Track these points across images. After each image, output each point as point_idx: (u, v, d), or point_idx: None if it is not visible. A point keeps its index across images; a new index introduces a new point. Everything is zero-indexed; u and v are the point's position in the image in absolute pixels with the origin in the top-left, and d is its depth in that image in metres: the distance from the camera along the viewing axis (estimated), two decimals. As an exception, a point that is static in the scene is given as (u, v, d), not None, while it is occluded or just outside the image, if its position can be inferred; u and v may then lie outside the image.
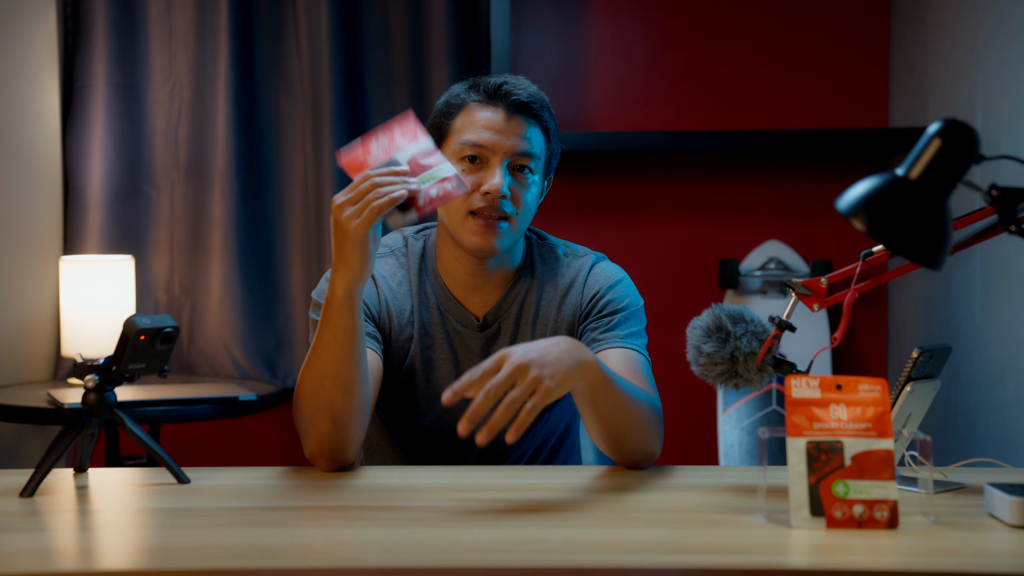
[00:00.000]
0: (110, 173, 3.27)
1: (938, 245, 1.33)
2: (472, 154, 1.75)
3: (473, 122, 1.76)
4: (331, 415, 1.59)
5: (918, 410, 1.55)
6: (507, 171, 1.75)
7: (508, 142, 1.75)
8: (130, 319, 1.48)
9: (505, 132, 1.75)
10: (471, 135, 1.75)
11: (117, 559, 1.25)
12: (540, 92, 1.81)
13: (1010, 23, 2.66)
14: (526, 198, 1.77)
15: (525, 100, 1.76)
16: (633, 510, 1.43)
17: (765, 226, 3.42)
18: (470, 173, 1.75)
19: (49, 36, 3.23)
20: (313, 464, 1.65)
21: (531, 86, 1.81)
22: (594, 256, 1.88)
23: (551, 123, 1.82)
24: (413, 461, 1.87)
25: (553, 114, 1.83)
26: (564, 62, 3.42)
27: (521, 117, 1.76)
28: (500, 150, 1.74)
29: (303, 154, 3.32)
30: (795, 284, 1.52)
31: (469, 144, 1.75)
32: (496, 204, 1.73)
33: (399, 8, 3.33)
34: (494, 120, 1.76)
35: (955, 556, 1.23)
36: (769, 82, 3.41)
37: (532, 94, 1.78)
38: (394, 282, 1.84)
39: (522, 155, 1.76)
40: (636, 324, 1.81)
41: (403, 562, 1.21)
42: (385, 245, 1.89)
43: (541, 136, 1.79)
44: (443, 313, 1.83)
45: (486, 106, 1.77)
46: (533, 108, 1.77)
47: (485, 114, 1.76)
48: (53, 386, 2.96)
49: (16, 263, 3.09)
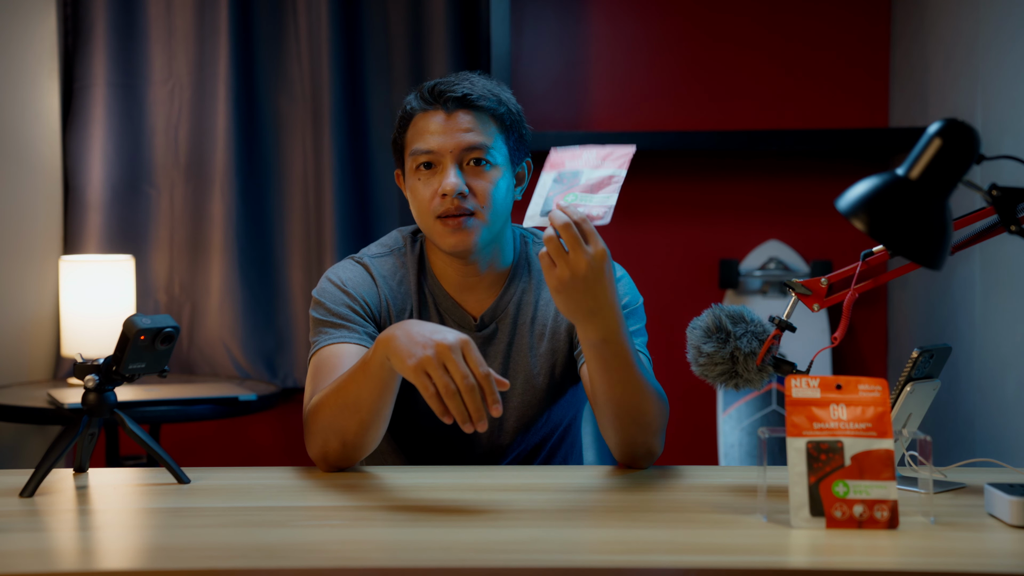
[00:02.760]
0: (110, 173, 3.27)
1: (938, 245, 1.33)
2: (425, 161, 1.75)
3: (419, 131, 1.77)
4: (342, 440, 1.61)
5: (918, 410, 1.55)
6: (461, 169, 1.74)
7: (452, 140, 1.74)
8: (130, 319, 1.48)
9: (447, 131, 1.75)
10: (419, 144, 1.76)
11: (117, 559, 1.25)
12: (487, 82, 1.80)
13: (1010, 23, 2.66)
14: (491, 191, 1.76)
15: (460, 95, 1.76)
16: (633, 510, 1.43)
17: (765, 226, 3.42)
18: (428, 180, 1.75)
19: (49, 36, 3.23)
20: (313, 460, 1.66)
21: (474, 79, 1.79)
22: None
23: (501, 108, 1.79)
24: (413, 461, 1.87)
25: (507, 99, 1.80)
26: (564, 62, 3.42)
27: (462, 112, 1.76)
28: (447, 150, 1.74)
29: (303, 154, 3.32)
30: (795, 284, 1.52)
31: (419, 153, 1.76)
32: (457, 204, 1.73)
33: (399, 8, 3.33)
34: (436, 122, 1.76)
35: (955, 556, 1.23)
36: (769, 82, 3.41)
37: (469, 87, 1.77)
38: (394, 281, 1.84)
39: (471, 149, 1.75)
40: (636, 322, 1.81)
41: (403, 562, 1.21)
42: (384, 245, 1.89)
43: (490, 124, 1.78)
44: (441, 313, 1.83)
45: (427, 111, 1.77)
46: (471, 100, 1.76)
47: (428, 120, 1.76)
48: (53, 386, 2.96)
49: (16, 263, 3.09)
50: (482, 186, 1.75)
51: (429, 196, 1.75)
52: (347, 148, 3.29)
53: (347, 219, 3.28)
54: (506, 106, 1.80)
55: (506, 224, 1.83)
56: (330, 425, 1.61)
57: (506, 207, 1.79)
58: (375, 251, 1.88)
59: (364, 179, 3.33)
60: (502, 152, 1.78)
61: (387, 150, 3.32)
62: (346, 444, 1.61)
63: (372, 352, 1.55)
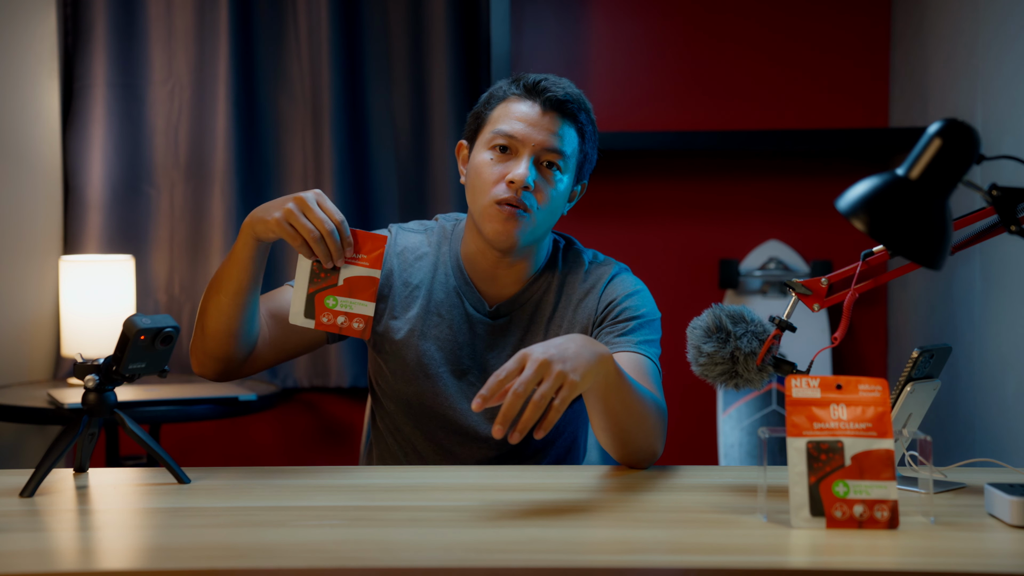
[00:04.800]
0: (110, 173, 3.27)
1: (938, 245, 1.33)
2: (503, 143, 1.78)
3: (508, 113, 1.80)
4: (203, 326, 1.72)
5: (918, 410, 1.55)
6: (534, 165, 1.77)
7: (538, 136, 1.77)
8: (130, 319, 1.48)
9: (537, 126, 1.78)
10: (504, 125, 1.78)
11: (117, 559, 1.25)
12: (581, 95, 1.84)
13: (1010, 23, 2.66)
14: (551, 195, 1.78)
15: (561, 98, 1.79)
16: (633, 510, 1.43)
17: (765, 226, 3.42)
18: (499, 162, 1.78)
19: (49, 36, 3.23)
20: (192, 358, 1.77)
21: (572, 88, 1.83)
22: (616, 266, 1.89)
23: (587, 126, 1.83)
24: (414, 461, 1.87)
25: (592, 119, 1.85)
26: (564, 62, 3.42)
27: (556, 114, 1.79)
28: (530, 143, 1.77)
29: (303, 154, 3.32)
30: (795, 284, 1.52)
31: (501, 133, 1.78)
32: (519, 195, 1.75)
33: (399, 8, 3.33)
34: (528, 114, 1.79)
35: (955, 556, 1.23)
36: (769, 82, 3.41)
37: (570, 94, 1.81)
38: (413, 256, 1.88)
39: (551, 151, 1.77)
40: (650, 334, 1.82)
41: (403, 562, 1.21)
42: (422, 223, 1.94)
43: (575, 136, 1.81)
44: (459, 295, 1.85)
45: (523, 100, 1.80)
46: (568, 107, 1.80)
47: (520, 107, 1.79)
48: (53, 386, 2.96)
49: (16, 263, 3.09)
50: (546, 188, 1.78)
51: (495, 178, 1.77)
52: (347, 148, 3.29)
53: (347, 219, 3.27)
54: (592, 125, 1.85)
55: (549, 231, 1.85)
56: (200, 314, 1.72)
57: (556, 216, 1.83)
58: (411, 225, 1.94)
59: (364, 179, 3.33)
60: (572, 164, 1.82)
61: (387, 150, 3.32)
62: (204, 331, 1.71)
63: (238, 236, 1.66)
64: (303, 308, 1.63)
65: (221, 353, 1.72)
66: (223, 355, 1.72)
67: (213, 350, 1.72)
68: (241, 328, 1.71)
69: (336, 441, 3.41)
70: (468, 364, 1.84)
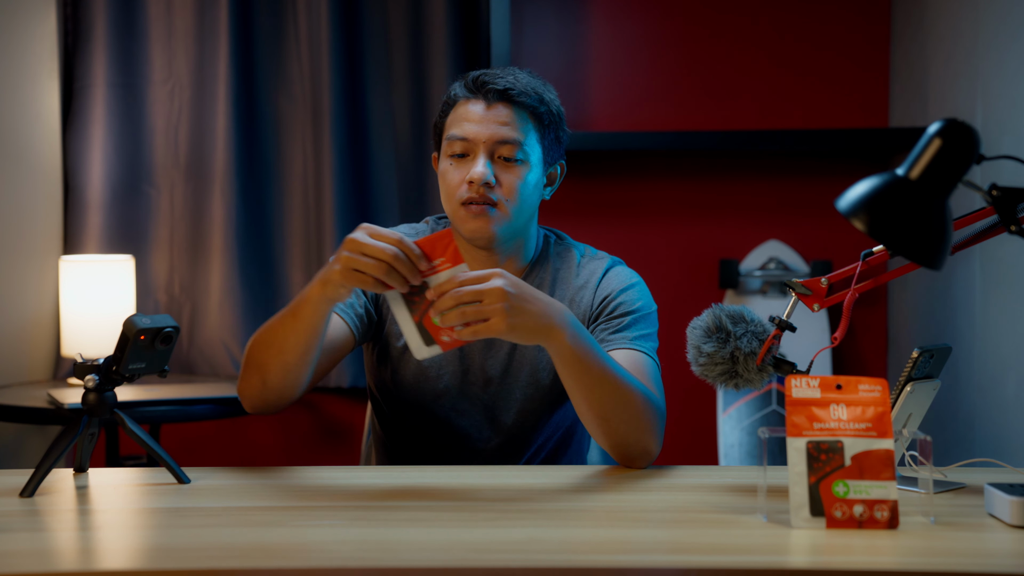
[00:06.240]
0: (110, 173, 3.27)
1: (938, 245, 1.33)
2: (460, 151, 1.78)
3: (458, 117, 1.80)
4: (263, 379, 1.68)
5: (918, 410, 1.55)
6: (492, 161, 1.76)
7: (487, 131, 1.77)
8: (130, 319, 1.48)
9: (485, 122, 1.77)
10: (455, 130, 1.79)
11: (117, 559, 1.25)
12: (532, 80, 1.82)
13: (1010, 23, 2.66)
14: (517, 185, 1.77)
15: (502, 88, 1.78)
16: (633, 510, 1.44)
17: (765, 226, 3.42)
18: (459, 167, 1.78)
19: (49, 36, 3.23)
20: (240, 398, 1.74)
21: (520, 75, 1.82)
22: (610, 260, 1.89)
23: (541, 107, 1.81)
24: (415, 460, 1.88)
25: (547, 99, 1.82)
26: (564, 62, 3.42)
27: (502, 105, 1.78)
28: (480, 140, 1.77)
29: (303, 154, 3.32)
30: (795, 284, 1.52)
31: (454, 139, 1.78)
32: (481, 192, 1.75)
33: (399, 8, 3.33)
34: (476, 112, 1.78)
35: (955, 556, 1.24)
36: (769, 82, 3.41)
37: (512, 82, 1.79)
38: None
39: (504, 143, 1.77)
40: (646, 328, 1.81)
41: (403, 562, 1.21)
42: (412, 226, 1.94)
43: (529, 122, 1.79)
44: None
45: (470, 100, 1.80)
46: (511, 94, 1.78)
47: (469, 108, 1.79)
48: (53, 386, 2.96)
49: (16, 263, 3.09)
50: (509, 180, 1.77)
51: (457, 182, 1.77)
52: (347, 148, 3.29)
53: (347, 219, 3.28)
54: (547, 106, 1.82)
55: (530, 221, 1.85)
56: (255, 361, 1.67)
57: (532, 204, 1.81)
58: (400, 229, 1.92)
59: (364, 179, 3.33)
60: (535, 150, 1.80)
61: (387, 150, 3.32)
62: (266, 384, 1.67)
63: (304, 292, 1.60)
64: (421, 340, 1.53)
65: (284, 402, 1.72)
66: (286, 402, 1.72)
67: (275, 402, 1.71)
68: (307, 378, 1.70)
69: (336, 441, 3.41)
70: (466, 365, 1.84)
